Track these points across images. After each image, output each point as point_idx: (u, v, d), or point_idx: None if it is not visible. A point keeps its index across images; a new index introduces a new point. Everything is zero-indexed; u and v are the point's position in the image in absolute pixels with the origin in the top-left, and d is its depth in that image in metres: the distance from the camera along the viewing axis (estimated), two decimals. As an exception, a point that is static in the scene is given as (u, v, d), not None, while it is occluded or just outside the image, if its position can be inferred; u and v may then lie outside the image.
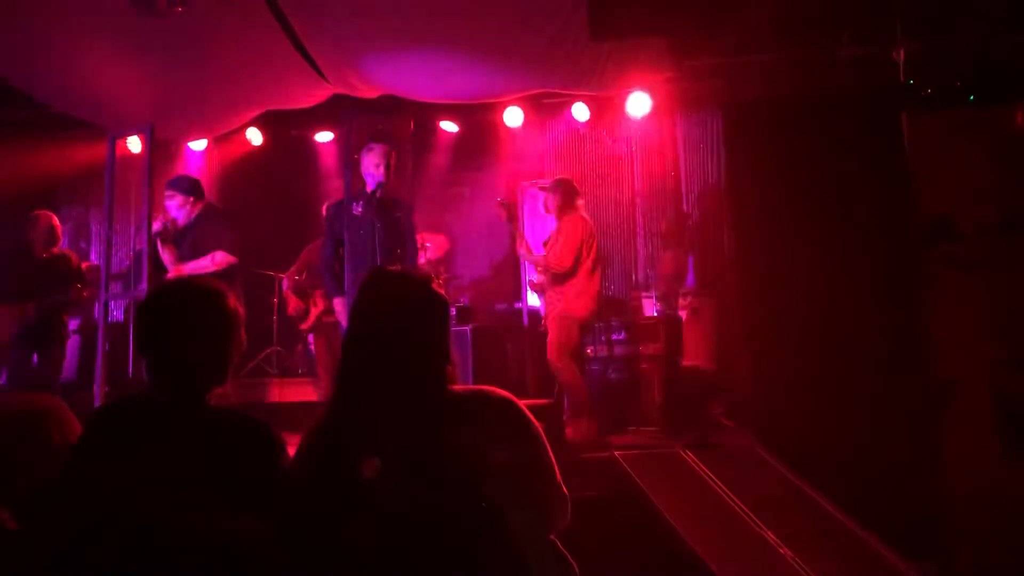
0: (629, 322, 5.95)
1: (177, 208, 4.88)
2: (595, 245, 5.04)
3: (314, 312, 6.20)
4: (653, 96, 6.51)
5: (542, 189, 5.37)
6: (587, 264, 4.96)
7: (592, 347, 5.75)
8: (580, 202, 5.18)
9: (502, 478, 1.53)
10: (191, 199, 4.88)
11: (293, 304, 6.34)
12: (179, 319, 1.72)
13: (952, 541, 3.97)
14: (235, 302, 1.78)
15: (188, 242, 4.87)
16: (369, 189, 4.53)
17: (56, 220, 5.52)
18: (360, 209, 4.56)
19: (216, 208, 5.14)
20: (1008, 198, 4.32)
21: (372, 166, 4.56)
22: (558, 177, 5.41)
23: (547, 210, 5.27)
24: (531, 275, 5.80)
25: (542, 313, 5.39)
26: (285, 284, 6.48)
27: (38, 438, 1.95)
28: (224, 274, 4.55)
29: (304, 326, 6.34)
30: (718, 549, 3.31)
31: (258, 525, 1.55)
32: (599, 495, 3.78)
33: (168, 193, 4.91)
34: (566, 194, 5.13)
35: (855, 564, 3.42)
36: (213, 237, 4.78)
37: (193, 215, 4.88)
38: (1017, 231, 4.29)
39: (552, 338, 4.89)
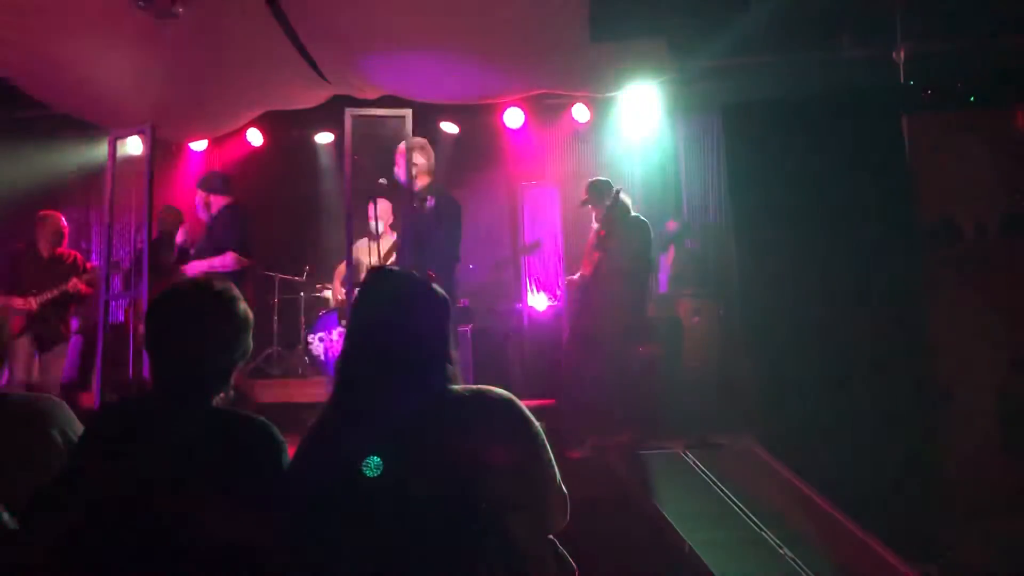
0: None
1: (200, 206, 4.98)
2: None
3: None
4: (653, 97, 6.51)
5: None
6: None
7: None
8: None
9: (502, 478, 1.53)
10: (208, 196, 4.93)
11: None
12: (188, 320, 1.71)
13: (953, 543, 3.97)
14: (245, 306, 1.78)
15: (207, 240, 4.92)
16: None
17: (63, 220, 5.64)
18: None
19: (234, 206, 5.07)
20: (1008, 199, 4.32)
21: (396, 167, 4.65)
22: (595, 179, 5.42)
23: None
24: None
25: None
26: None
27: (40, 438, 1.95)
28: (235, 274, 4.59)
29: None
30: (718, 550, 3.31)
31: (259, 525, 1.55)
32: (599, 495, 3.78)
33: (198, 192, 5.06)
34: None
35: (855, 565, 3.41)
36: (226, 237, 4.83)
37: (214, 212, 4.92)
38: (1017, 232, 4.29)
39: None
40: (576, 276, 5.34)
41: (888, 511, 3.79)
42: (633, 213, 5.16)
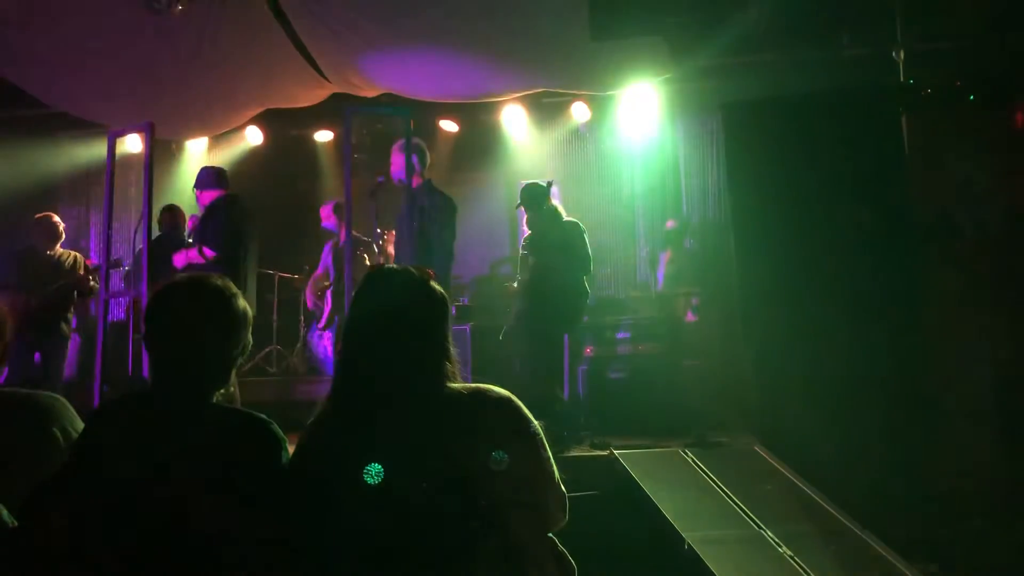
0: (631, 321, 5.95)
1: (198, 202, 5.05)
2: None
3: (327, 310, 6.31)
4: (653, 96, 6.51)
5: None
6: None
7: (593, 346, 5.76)
8: None
9: (501, 476, 1.53)
10: (199, 191, 4.96)
11: (311, 302, 6.53)
12: (186, 317, 1.71)
13: (952, 542, 3.97)
14: (244, 303, 1.78)
15: (195, 235, 4.98)
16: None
17: (58, 220, 5.63)
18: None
19: (220, 200, 4.98)
20: (1007, 198, 4.32)
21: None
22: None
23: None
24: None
25: None
26: (309, 286, 6.64)
27: (41, 435, 1.95)
28: (232, 272, 4.58)
29: (320, 324, 6.47)
30: (717, 548, 3.31)
31: (258, 522, 1.55)
32: (598, 494, 3.78)
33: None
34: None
35: (855, 564, 3.41)
36: (203, 231, 4.86)
37: (201, 207, 4.96)
38: (1017, 230, 4.29)
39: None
40: (515, 283, 5.31)
41: (887, 510, 3.79)
42: (566, 217, 5.13)
